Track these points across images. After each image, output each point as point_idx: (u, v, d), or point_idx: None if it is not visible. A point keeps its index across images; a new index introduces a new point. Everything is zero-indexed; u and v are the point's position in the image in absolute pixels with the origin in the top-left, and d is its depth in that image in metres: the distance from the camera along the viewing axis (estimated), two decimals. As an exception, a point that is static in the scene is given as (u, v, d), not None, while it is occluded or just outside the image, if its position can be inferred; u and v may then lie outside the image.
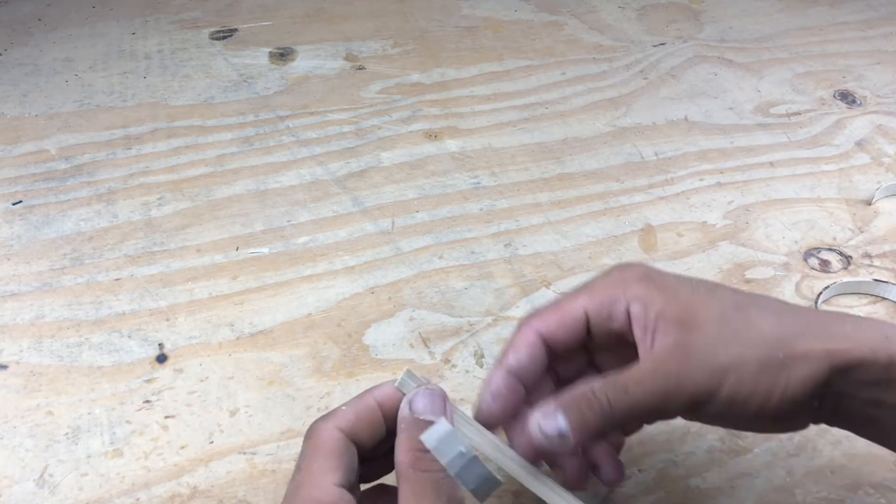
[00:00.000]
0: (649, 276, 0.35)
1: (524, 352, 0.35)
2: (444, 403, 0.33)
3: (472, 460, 0.31)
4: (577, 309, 0.35)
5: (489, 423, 0.34)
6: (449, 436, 0.31)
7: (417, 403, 0.33)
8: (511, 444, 0.35)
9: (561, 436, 0.31)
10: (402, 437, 0.32)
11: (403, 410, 0.33)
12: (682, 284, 0.34)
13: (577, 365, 0.37)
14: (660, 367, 0.32)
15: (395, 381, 0.34)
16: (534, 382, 0.36)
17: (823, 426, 0.35)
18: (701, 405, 0.32)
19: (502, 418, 0.35)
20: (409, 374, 0.34)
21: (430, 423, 0.31)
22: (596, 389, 0.32)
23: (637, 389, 0.31)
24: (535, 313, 0.36)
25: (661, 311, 0.33)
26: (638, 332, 0.34)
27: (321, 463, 0.31)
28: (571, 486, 0.35)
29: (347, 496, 0.31)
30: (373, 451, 0.34)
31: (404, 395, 0.33)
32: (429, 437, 0.31)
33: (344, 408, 0.33)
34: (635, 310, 0.34)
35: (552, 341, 0.35)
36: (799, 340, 0.32)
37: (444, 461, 0.31)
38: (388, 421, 0.34)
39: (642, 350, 0.34)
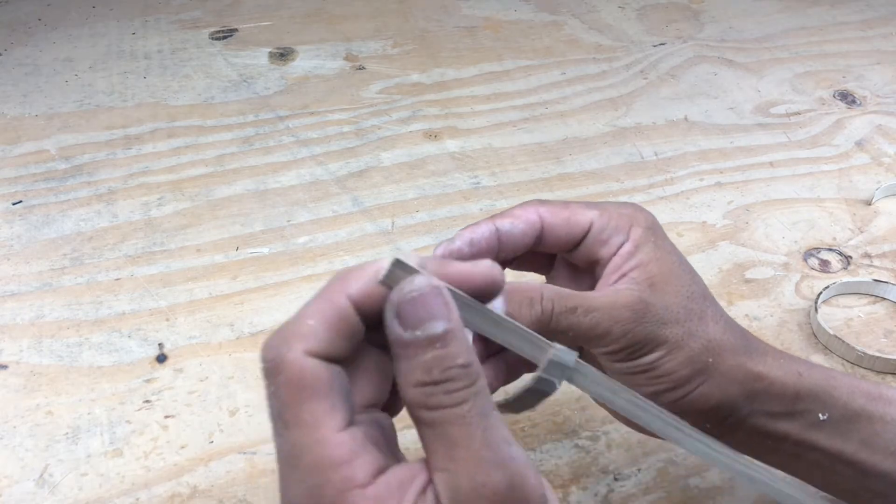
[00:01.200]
0: (653, 229, 0.35)
1: (520, 226, 0.34)
2: (444, 304, 0.24)
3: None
4: (586, 218, 0.35)
5: (451, 256, 0.32)
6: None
7: (409, 318, 0.24)
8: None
9: None
10: (402, 365, 0.24)
11: (393, 329, 0.24)
12: (674, 252, 0.35)
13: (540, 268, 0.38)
14: (615, 311, 0.32)
15: (375, 270, 0.25)
16: (507, 258, 0.35)
17: None
18: (627, 357, 0.33)
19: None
20: (398, 263, 0.24)
21: (435, 339, 0.23)
22: (545, 295, 0.32)
23: (584, 317, 0.32)
24: (543, 201, 0.35)
25: (643, 263, 0.34)
26: (613, 265, 0.34)
27: (312, 408, 0.23)
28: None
29: (359, 435, 0.24)
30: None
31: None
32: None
33: (310, 321, 0.24)
34: (625, 248, 0.34)
35: (549, 234, 0.35)
36: (730, 354, 0.34)
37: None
38: (371, 321, 0.25)
39: (602, 283, 0.34)
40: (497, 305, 0.27)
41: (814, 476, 0.37)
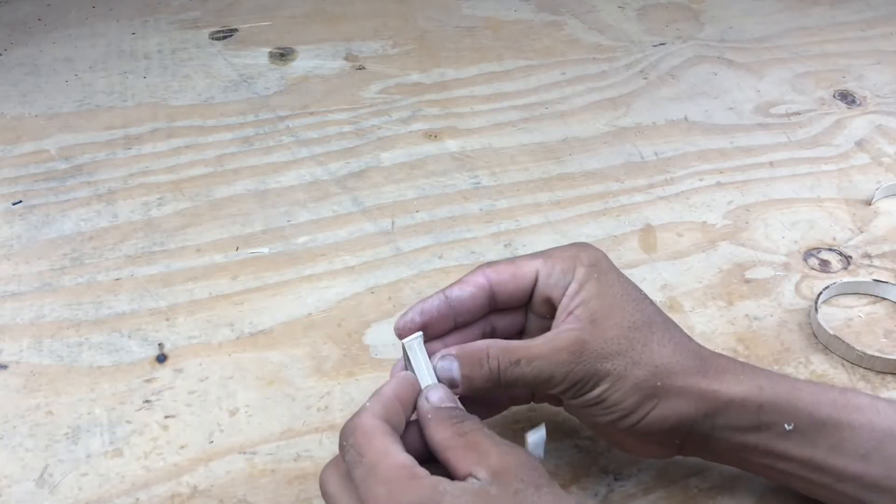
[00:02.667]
0: (597, 265, 0.38)
1: (469, 289, 0.38)
2: (452, 395, 0.35)
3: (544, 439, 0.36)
4: (531, 269, 0.38)
5: (404, 332, 0.37)
6: (543, 437, 0.35)
7: (433, 396, 0.35)
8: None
9: (451, 381, 0.36)
10: (434, 424, 0.34)
11: (423, 405, 0.35)
12: (617, 285, 0.38)
13: (512, 321, 0.40)
14: (553, 356, 0.35)
15: (400, 369, 0.36)
16: (466, 321, 0.38)
17: None
18: (575, 394, 0.36)
19: (416, 331, 0.37)
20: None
21: (453, 408, 0.35)
22: (491, 353, 0.36)
23: (527, 367, 0.35)
24: (493, 263, 0.39)
25: (586, 301, 0.37)
26: (562, 306, 0.37)
27: (381, 441, 0.32)
28: None
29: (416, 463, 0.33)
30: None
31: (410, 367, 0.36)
32: (532, 440, 0.35)
33: (368, 404, 0.34)
34: (571, 289, 0.37)
35: (499, 291, 0.38)
36: (680, 376, 0.36)
37: (536, 451, 0.35)
38: (407, 409, 0.35)
39: (554, 325, 0.37)
40: (454, 368, 0.36)
41: (790, 482, 0.38)
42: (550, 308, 0.38)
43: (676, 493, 0.41)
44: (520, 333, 0.41)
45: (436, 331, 0.38)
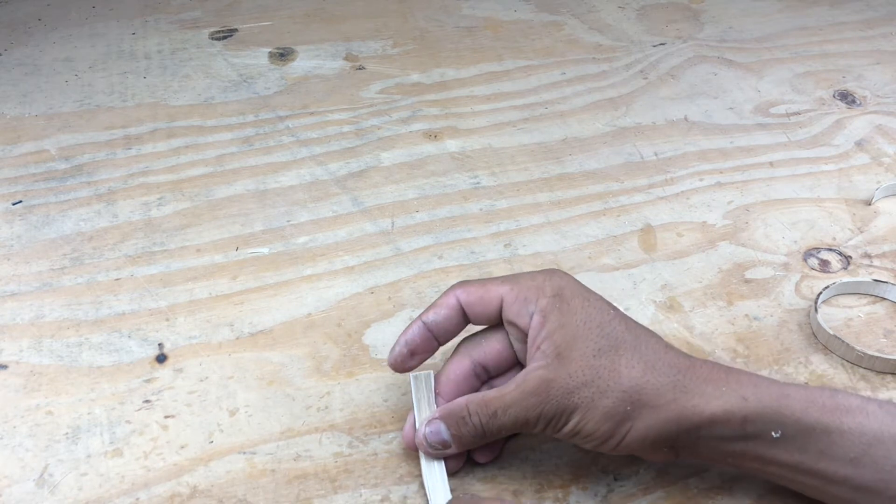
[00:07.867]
0: (561, 295, 0.38)
1: (443, 312, 0.40)
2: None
3: None
4: (497, 294, 0.40)
5: (397, 363, 0.41)
6: None
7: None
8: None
9: (443, 443, 0.39)
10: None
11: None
12: (580, 312, 0.38)
13: (499, 355, 0.41)
14: (524, 401, 0.37)
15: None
16: (447, 339, 0.41)
17: None
18: (553, 430, 0.38)
19: (409, 362, 0.41)
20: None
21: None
22: (471, 409, 0.38)
23: (504, 416, 0.37)
24: (464, 283, 0.41)
25: (550, 334, 0.38)
26: (530, 338, 0.38)
27: None
28: (452, 466, 0.41)
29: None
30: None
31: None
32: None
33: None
34: (535, 321, 0.38)
35: (469, 311, 0.40)
36: (653, 395, 0.36)
37: None
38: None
39: (527, 357, 0.39)
40: (441, 430, 0.39)
41: (784, 483, 0.38)
42: (521, 332, 0.39)
43: (676, 493, 0.41)
44: (512, 361, 0.41)
45: (423, 352, 0.41)
